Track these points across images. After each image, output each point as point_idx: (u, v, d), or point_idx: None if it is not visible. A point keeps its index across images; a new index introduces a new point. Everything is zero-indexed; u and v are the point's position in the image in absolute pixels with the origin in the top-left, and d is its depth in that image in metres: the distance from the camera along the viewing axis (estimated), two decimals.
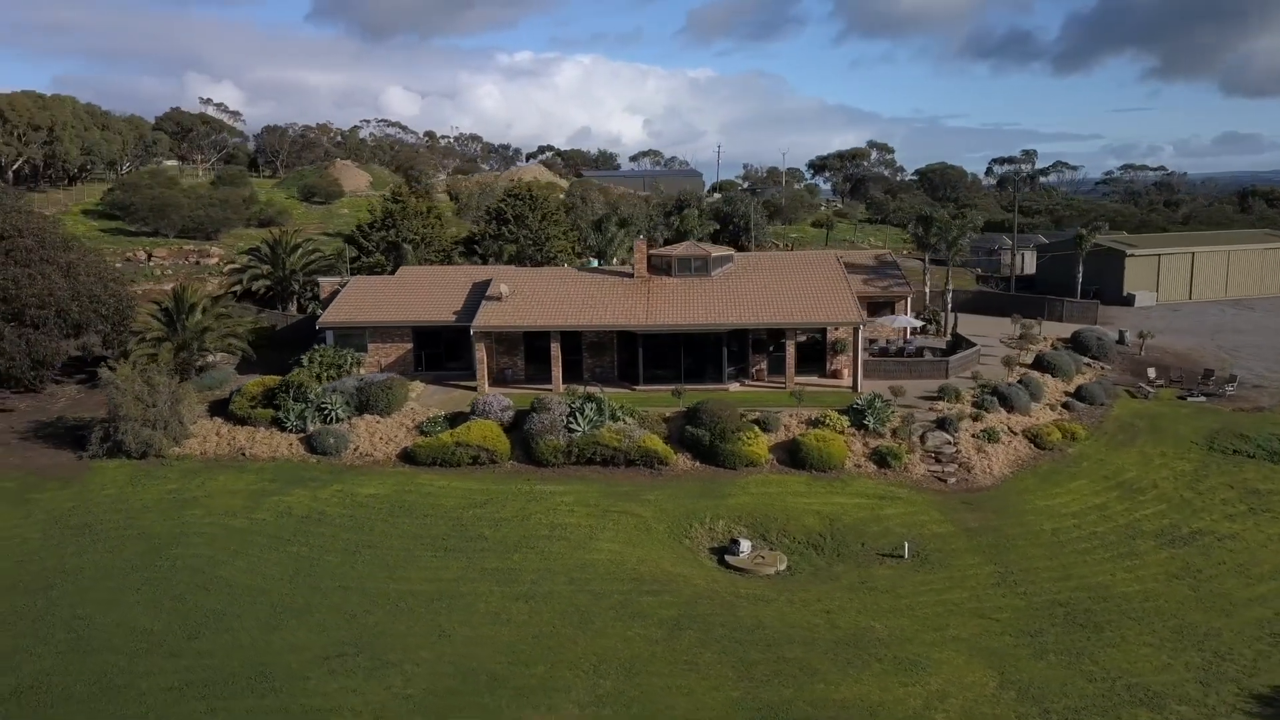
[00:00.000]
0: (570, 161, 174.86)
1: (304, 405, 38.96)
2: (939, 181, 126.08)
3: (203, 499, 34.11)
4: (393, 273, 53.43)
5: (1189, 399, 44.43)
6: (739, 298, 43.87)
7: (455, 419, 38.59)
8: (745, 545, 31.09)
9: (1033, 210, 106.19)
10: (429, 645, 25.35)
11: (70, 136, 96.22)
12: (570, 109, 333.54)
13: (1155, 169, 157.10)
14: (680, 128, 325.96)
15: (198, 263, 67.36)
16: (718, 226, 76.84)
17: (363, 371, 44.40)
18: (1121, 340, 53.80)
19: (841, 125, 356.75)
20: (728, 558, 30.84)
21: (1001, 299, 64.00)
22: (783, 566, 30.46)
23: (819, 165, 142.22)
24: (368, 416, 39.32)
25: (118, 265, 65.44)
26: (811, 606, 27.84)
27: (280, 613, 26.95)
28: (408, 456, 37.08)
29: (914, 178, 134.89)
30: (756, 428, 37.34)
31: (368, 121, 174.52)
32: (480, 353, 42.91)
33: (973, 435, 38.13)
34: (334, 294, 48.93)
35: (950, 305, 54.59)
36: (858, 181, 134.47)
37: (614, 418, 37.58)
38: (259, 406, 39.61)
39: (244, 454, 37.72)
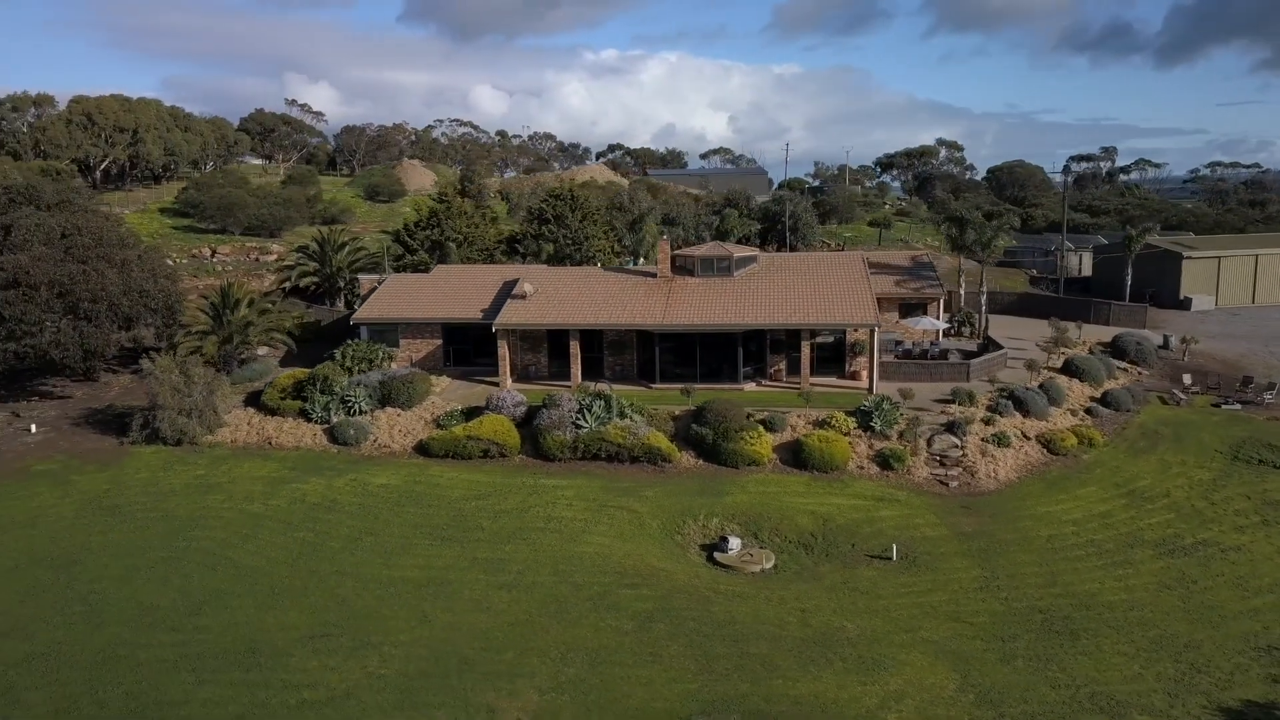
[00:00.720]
0: (640, 160, 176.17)
1: (329, 398, 40.70)
2: (1006, 180, 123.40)
3: (226, 485, 36.01)
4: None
5: (1223, 407, 43.26)
6: (757, 298, 44.21)
7: (471, 413, 39.83)
8: (734, 543, 31.58)
9: (1101, 209, 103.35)
10: (409, 629, 26.54)
11: (153, 138, 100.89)
12: (654, 106, 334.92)
13: (1249, 166, 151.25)
14: (765, 124, 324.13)
15: (257, 259, 70.27)
16: (759, 226, 76.82)
17: (394, 366, 46.02)
18: (1165, 345, 52.44)
19: (930, 121, 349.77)
20: (716, 555, 31.37)
21: (1046, 301, 62.76)
22: (769, 565, 30.86)
23: (886, 163, 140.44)
24: (389, 409, 40.85)
25: (183, 261, 68.85)
26: (788, 604, 28.23)
27: (277, 594, 28.48)
28: (422, 449, 38.47)
29: (984, 176, 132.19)
30: (761, 428, 37.72)
31: (441, 121, 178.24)
32: (502, 349, 44.14)
33: (982, 439, 37.84)
34: (372, 291, 50.82)
35: (985, 307, 53.85)
36: (924, 180, 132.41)
37: (622, 415, 38.36)
38: (288, 398, 41.51)
39: (270, 443, 39.61)
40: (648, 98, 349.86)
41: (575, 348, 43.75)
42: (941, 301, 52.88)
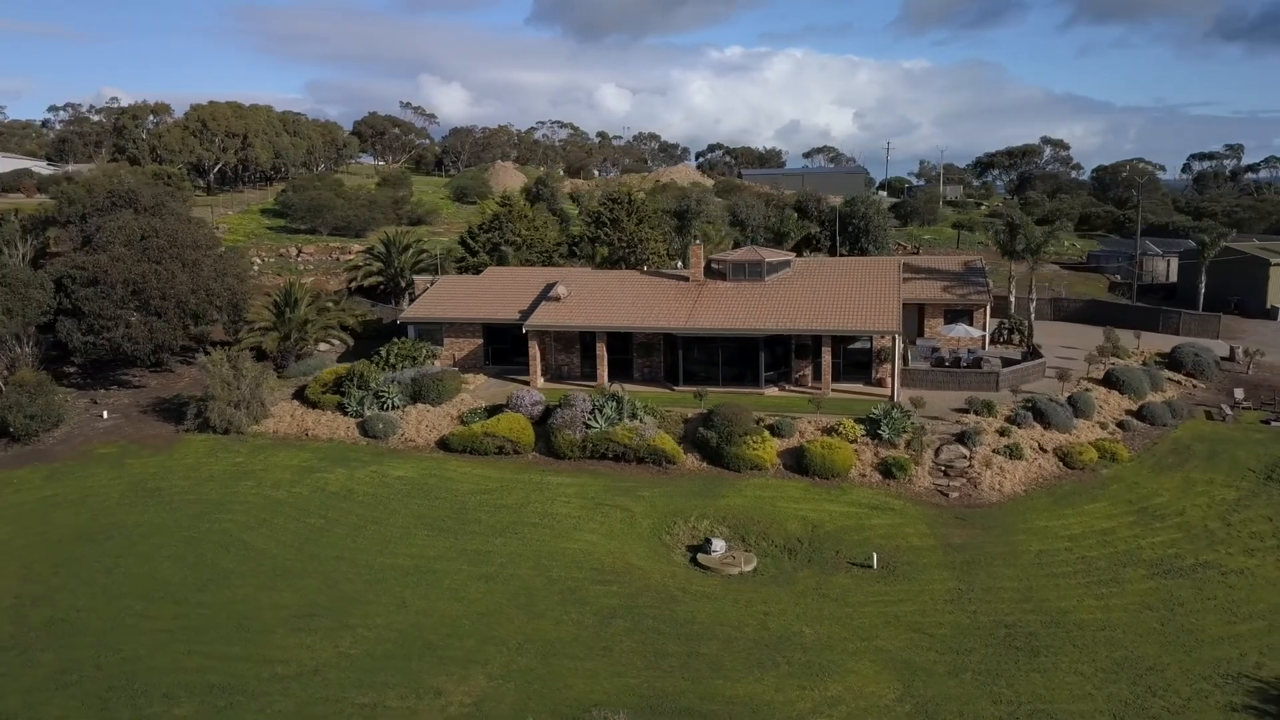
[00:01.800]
0: (739, 159, 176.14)
1: (364, 393, 43.02)
2: (1110, 180, 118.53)
3: (259, 472, 38.62)
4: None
5: (1273, 424, 41.29)
6: (783, 304, 44.45)
7: (494, 411, 41.47)
8: (718, 545, 32.20)
9: (1206, 211, 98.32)
10: (386, 614, 28.24)
11: (261, 142, 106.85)
12: (779, 103, 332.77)
13: None
14: (893, 120, 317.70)
15: (338, 259, 73.94)
16: (816, 229, 76.34)
17: (437, 363, 48.13)
18: (1231, 357, 50.19)
19: (1068, 115, 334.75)
20: (699, 556, 32.06)
21: (1115, 309, 60.61)
22: (748, 568, 31.37)
23: (986, 163, 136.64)
24: (420, 405, 42.90)
25: (270, 260, 73.09)
26: (754, 607, 28.73)
27: (277, 575, 30.64)
28: (443, 444, 40.33)
29: (1089, 176, 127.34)
30: (767, 432, 38.12)
31: (543, 123, 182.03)
32: (533, 349, 45.67)
33: (993, 451, 37.28)
34: (423, 291, 53.16)
35: (1033, 314, 52.51)
36: (1024, 180, 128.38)
37: (633, 416, 39.34)
38: (328, 392, 44.06)
39: (307, 434, 42.15)
40: (772, 95, 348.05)
41: (601, 349, 44.92)
42: (988, 308, 51.90)
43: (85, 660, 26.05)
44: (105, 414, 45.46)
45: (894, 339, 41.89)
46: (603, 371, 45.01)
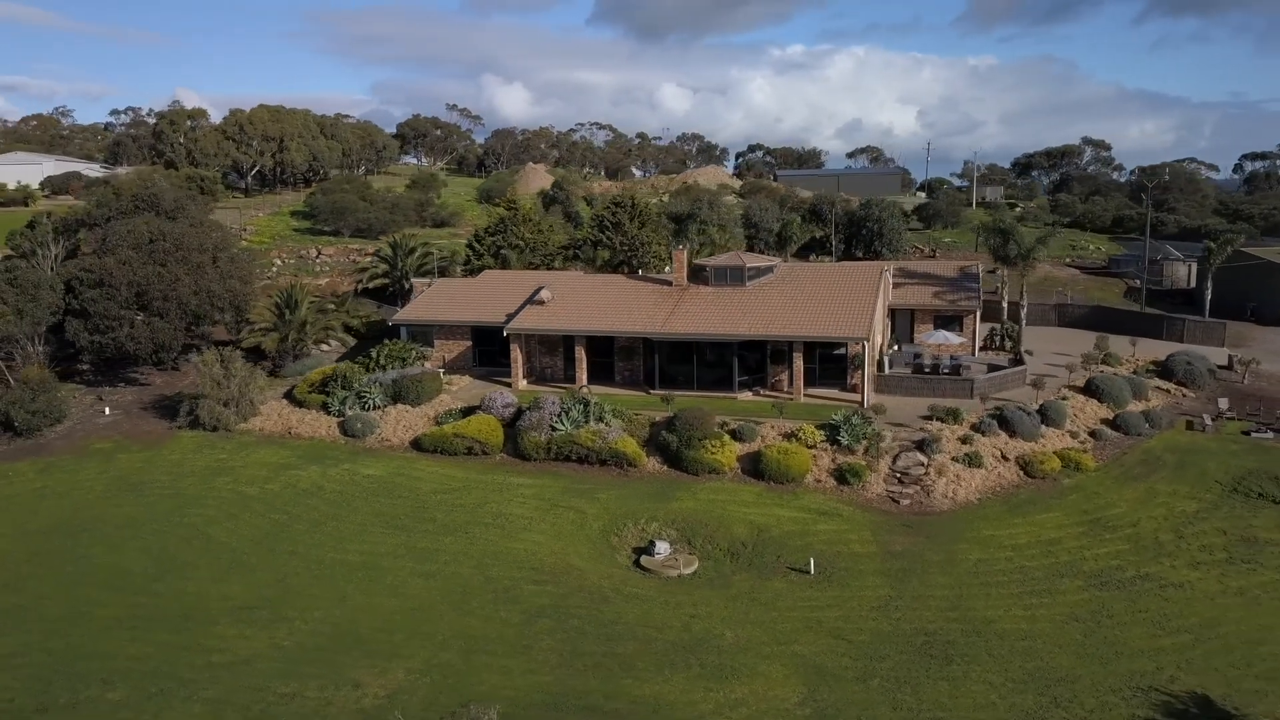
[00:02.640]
0: (777, 160, 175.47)
1: (347, 393, 44.35)
2: (1148, 181, 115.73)
3: (238, 469, 40.09)
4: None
5: (1253, 435, 40.53)
6: (759, 309, 44.77)
7: (469, 412, 42.47)
8: (662, 547, 32.74)
9: (1245, 214, 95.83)
10: (325, 608, 29.33)
11: (297, 145, 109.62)
12: (840, 101, 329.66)
13: None
14: (957, 118, 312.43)
15: (354, 261, 75.75)
16: (821, 233, 76.18)
17: (427, 365, 49.33)
18: (1229, 366, 49.24)
19: (1141, 112, 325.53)
20: (642, 558, 32.64)
21: (1119, 315, 59.64)
22: (688, 570, 31.87)
23: (1024, 164, 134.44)
24: (400, 406, 44.09)
25: (290, 261, 75.18)
26: (682, 609, 29.24)
27: (231, 568, 31.94)
28: (416, 444, 41.42)
29: (1127, 176, 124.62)
30: (728, 436, 38.52)
31: (582, 125, 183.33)
32: (514, 352, 46.60)
33: (953, 458, 37.22)
34: (421, 293, 54.44)
35: (1024, 320, 52.02)
36: (1062, 181, 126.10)
37: (600, 419, 40.03)
38: (315, 392, 45.47)
39: (291, 433, 43.58)
40: (833, 93, 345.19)
41: (580, 352, 45.70)
42: (978, 314, 51.61)
43: (35, 645, 27.52)
44: (107, 410, 47.47)
45: (864, 346, 41.94)
46: (581, 374, 45.76)
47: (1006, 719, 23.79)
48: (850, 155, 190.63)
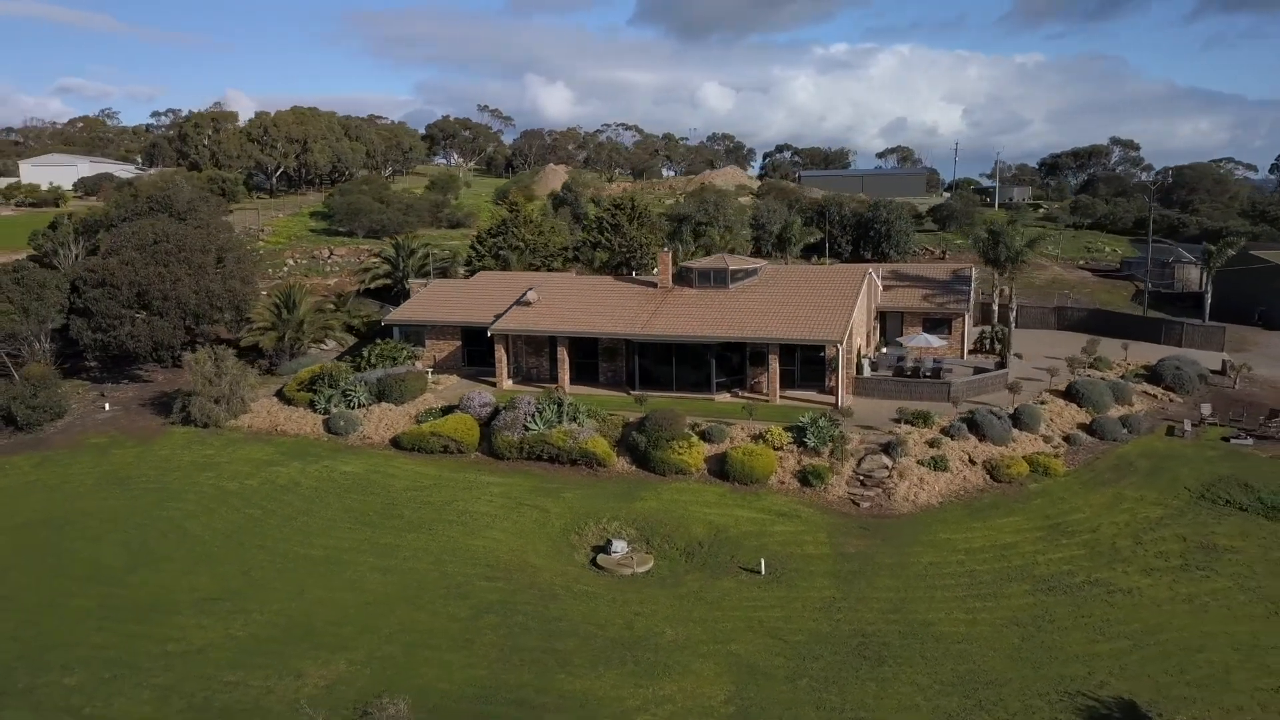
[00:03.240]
0: (804, 160, 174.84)
1: (334, 391, 45.40)
2: (1176, 182, 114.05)
3: (222, 464, 41.29)
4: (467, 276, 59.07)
5: (1233, 441, 40.14)
6: (739, 311, 45.11)
7: (449, 411, 43.30)
8: (619, 546, 33.28)
9: (1269, 216, 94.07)
10: (282, 600, 30.25)
11: (320, 147, 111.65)
12: (884, 100, 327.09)
13: None
14: (1003, 116, 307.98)
15: (364, 261, 77.07)
16: (819, 236, 76.12)
17: (418, 364, 50.35)
18: (1223, 371, 48.69)
19: (1193, 110, 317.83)
20: (599, 557, 33.20)
21: (1118, 318, 59.03)
22: (642, 569, 32.36)
23: (1051, 164, 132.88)
24: (384, 404, 45.06)
25: (303, 261, 76.71)
26: (628, 607, 29.74)
27: (201, 561, 33.02)
28: (395, 442, 42.35)
29: (1153, 177, 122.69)
30: (697, 437, 38.95)
31: (608, 125, 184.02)
32: (499, 352, 47.41)
33: (919, 462, 37.32)
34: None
35: (1013, 323, 51.76)
36: (1088, 182, 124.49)
37: (573, 419, 40.64)
38: (303, 390, 46.59)
39: (278, 430, 44.73)
40: (877, 92, 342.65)
41: (562, 353, 46.37)
42: (966, 317, 51.48)
43: (6, 634, 28.71)
44: (107, 406, 49.01)
45: (838, 348, 42.10)
46: (564, 375, 46.42)
47: None
48: (880, 155, 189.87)
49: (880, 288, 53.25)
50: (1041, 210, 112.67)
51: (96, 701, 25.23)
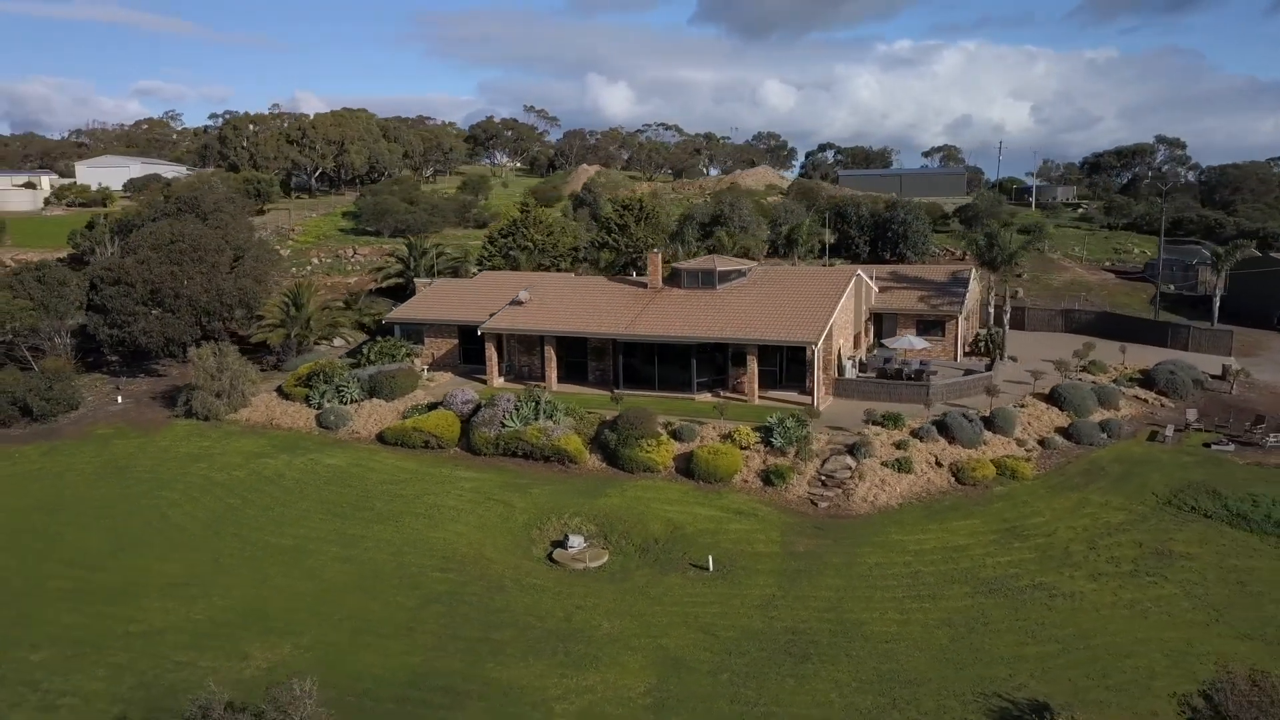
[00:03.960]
0: (852, 159, 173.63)
1: (328, 387, 46.89)
2: (1218, 181, 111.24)
3: (215, 456, 42.99)
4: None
5: (1214, 447, 39.56)
6: (722, 312, 45.57)
7: (434, 407, 44.48)
8: (575, 541, 34.06)
9: None
10: (245, 587, 31.62)
11: (357, 149, 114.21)
12: (949, 97, 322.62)
13: None
14: (1073, 113, 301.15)
15: (386, 260, 78.93)
16: (834, 239, 75.91)
17: (417, 362, 51.67)
18: (1223, 376, 47.89)
19: (1276, 104, 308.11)
20: (555, 551, 34.02)
21: (1125, 321, 58.14)
22: (595, 564, 33.10)
23: (1093, 164, 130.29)
24: (375, 400, 46.42)
25: (327, 260, 78.83)
26: (571, 600, 30.52)
27: (177, 548, 34.59)
28: (380, 437, 43.65)
29: (1198, 177, 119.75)
30: (667, 436, 39.57)
31: (649, 125, 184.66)
32: (490, 351, 48.51)
33: (883, 463, 37.49)
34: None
35: (1007, 325, 51.36)
36: (1132, 181, 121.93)
37: (550, 417, 41.54)
38: (300, 385, 48.19)
39: (273, 424, 46.36)
40: (942, 88, 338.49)
41: (550, 351, 47.29)
42: (959, 319, 51.27)
43: None
44: (120, 399, 51.19)
45: (814, 350, 42.34)
46: (551, 373, 47.35)
47: (839, 717, 24.38)
48: (926, 154, 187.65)
49: (875, 290, 53.26)
50: (1080, 210, 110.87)
51: (55, 677, 26.75)
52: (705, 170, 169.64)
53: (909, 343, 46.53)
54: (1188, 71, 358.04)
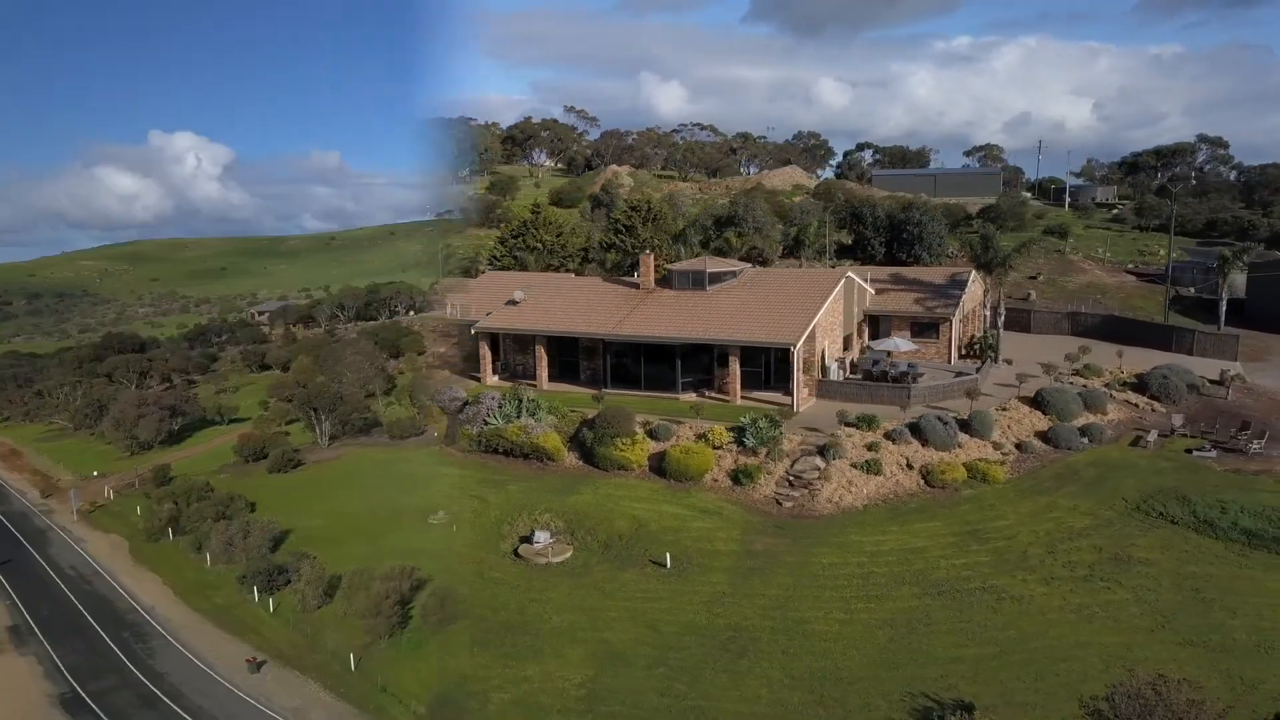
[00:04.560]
0: (889, 159, 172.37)
1: None
2: (1258, 181, 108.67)
3: None
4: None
5: (1195, 453, 39.15)
6: (709, 314, 46.03)
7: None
8: (541, 537, 34.88)
9: None
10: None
11: None
12: (1008, 94, 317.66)
13: None
14: (1136, 110, 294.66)
15: None
16: (847, 241, 75.74)
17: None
18: (1221, 381, 47.22)
19: None
20: (521, 547, 34.87)
21: (1131, 325, 57.47)
22: (558, 560, 33.88)
23: (1131, 164, 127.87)
24: None
25: None
26: (529, 594, 31.38)
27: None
28: None
29: (1236, 177, 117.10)
30: (643, 435, 40.20)
31: (684, 126, 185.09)
32: (483, 350, 49.58)
33: (853, 465, 37.72)
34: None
35: (1001, 328, 51.12)
36: (1171, 180, 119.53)
37: (533, 415, 42.41)
38: None
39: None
40: (1000, 85, 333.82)
41: (540, 351, 48.18)
42: (954, 321, 51.16)
43: None
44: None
45: (793, 351, 42.63)
46: (542, 372, 48.24)
47: (764, 713, 24.88)
48: (967, 154, 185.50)
49: (870, 291, 53.29)
50: (1115, 210, 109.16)
51: None
52: (742, 170, 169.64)
53: (894, 344, 46.58)
54: (1257, 66, 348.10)
